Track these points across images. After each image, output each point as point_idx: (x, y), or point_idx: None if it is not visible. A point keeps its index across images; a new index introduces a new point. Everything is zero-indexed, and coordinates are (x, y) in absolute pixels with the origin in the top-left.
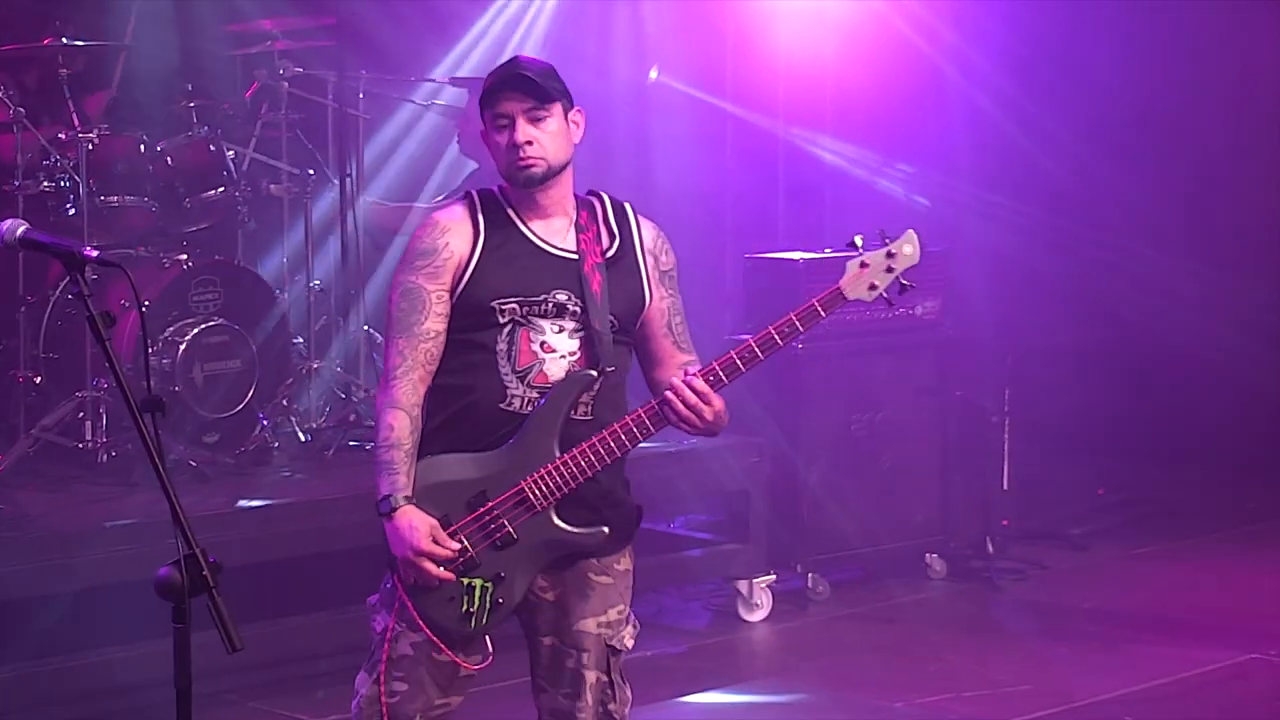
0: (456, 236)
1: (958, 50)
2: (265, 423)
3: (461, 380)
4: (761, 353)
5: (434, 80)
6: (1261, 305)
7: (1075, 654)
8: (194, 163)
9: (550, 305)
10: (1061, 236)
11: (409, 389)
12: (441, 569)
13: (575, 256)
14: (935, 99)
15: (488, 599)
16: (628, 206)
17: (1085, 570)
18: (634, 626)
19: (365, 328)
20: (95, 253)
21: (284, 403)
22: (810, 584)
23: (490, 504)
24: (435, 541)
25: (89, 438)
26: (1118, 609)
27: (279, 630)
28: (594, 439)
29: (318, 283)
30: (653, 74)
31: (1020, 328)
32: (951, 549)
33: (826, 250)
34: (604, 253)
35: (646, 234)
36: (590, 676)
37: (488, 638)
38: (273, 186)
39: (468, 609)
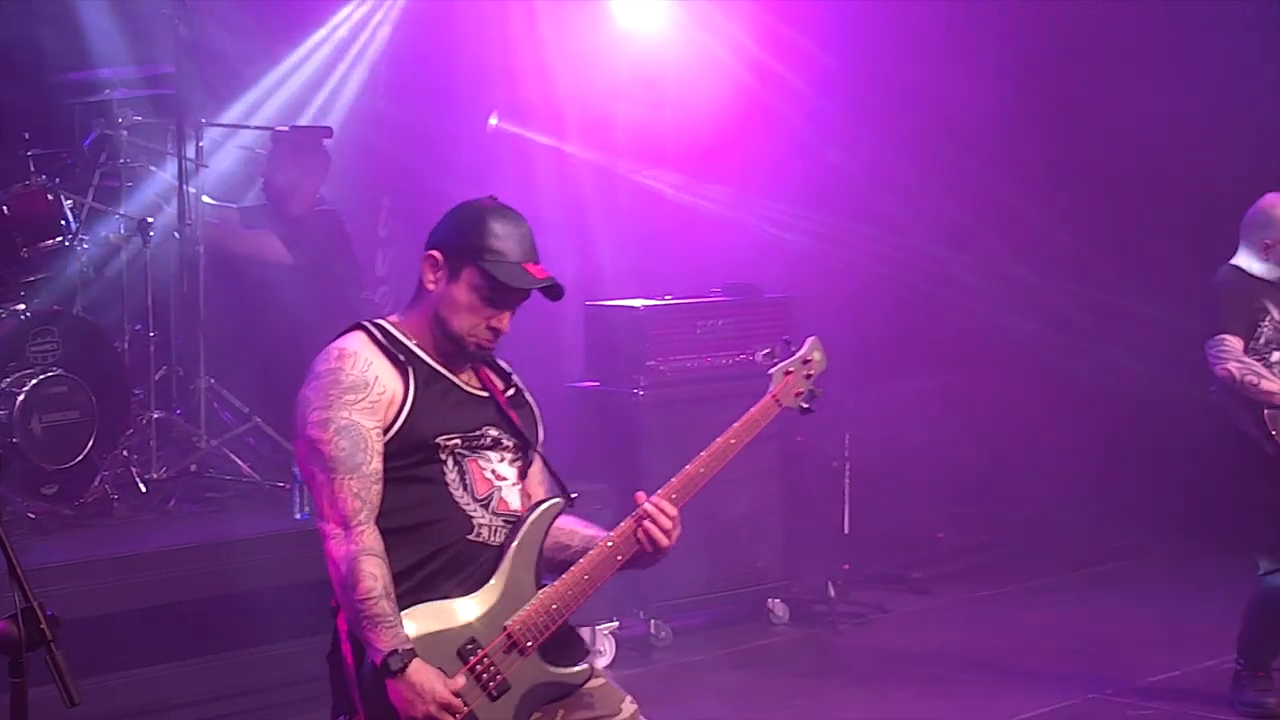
0: (383, 372)
1: (793, 86)
2: (105, 474)
3: (419, 517)
4: (700, 485)
5: (273, 129)
6: (1108, 341)
7: (918, 697)
8: (32, 212)
9: (488, 439)
10: (901, 276)
11: (375, 533)
12: None
13: (487, 394)
14: (775, 134)
15: None
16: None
17: (927, 613)
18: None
19: (209, 380)
20: None
21: (124, 454)
22: (653, 630)
23: (482, 653)
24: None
25: None
26: (960, 651)
27: (123, 684)
28: (572, 573)
29: (155, 334)
30: (492, 120)
31: (861, 371)
32: (794, 594)
33: (666, 297)
34: (504, 391)
35: (518, 375)
36: None
37: None
38: (112, 235)
39: None
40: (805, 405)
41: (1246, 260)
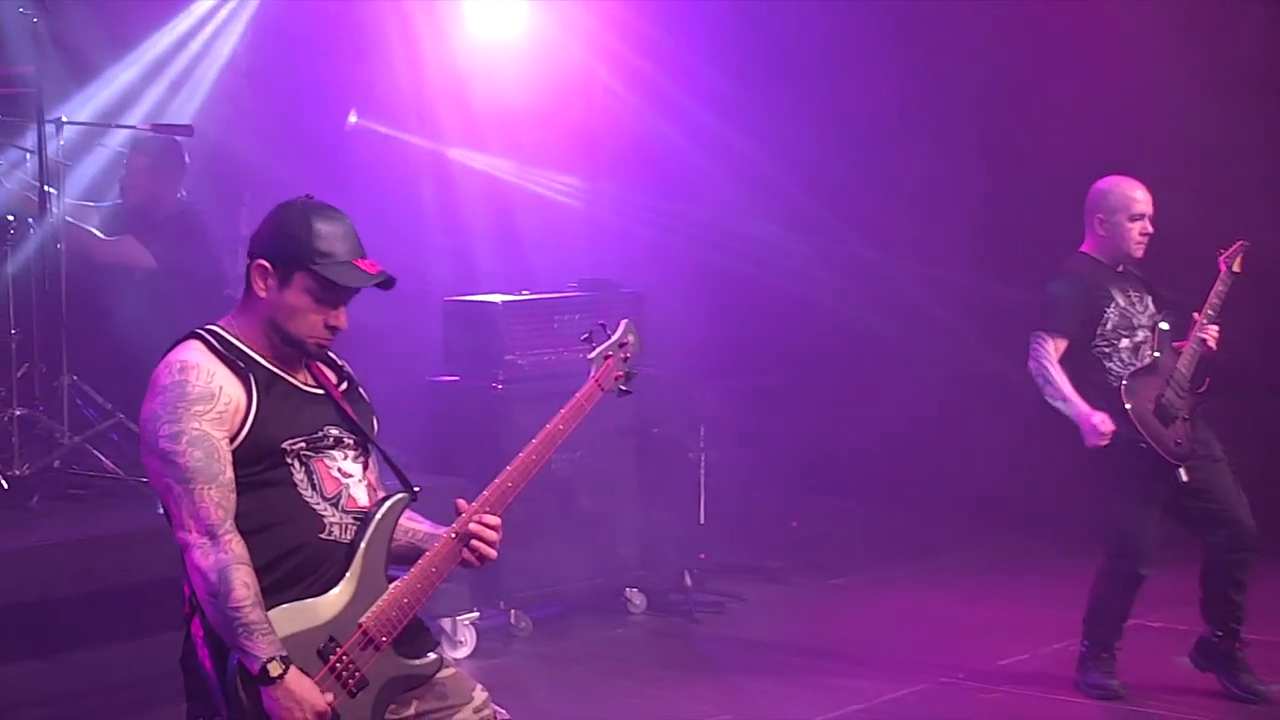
0: (226, 381)
1: (650, 81)
2: None
3: (270, 519)
4: (532, 472)
5: (134, 126)
6: (969, 329)
7: (773, 684)
8: None
9: (329, 439)
10: (759, 269)
11: (241, 541)
12: None
13: (323, 391)
14: (632, 128)
15: None
16: None
17: (782, 602)
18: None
19: (72, 376)
20: None
21: None
22: (513, 620)
23: (341, 650)
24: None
25: None
26: (814, 639)
27: None
28: (420, 565)
29: (16, 331)
30: (351, 118)
31: (716, 364)
32: (651, 583)
33: (524, 292)
34: (337, 385)
35: (348, 365)
36: None
37: None
38: None
39: None
40: (624, 387)
41: (1092, 245)
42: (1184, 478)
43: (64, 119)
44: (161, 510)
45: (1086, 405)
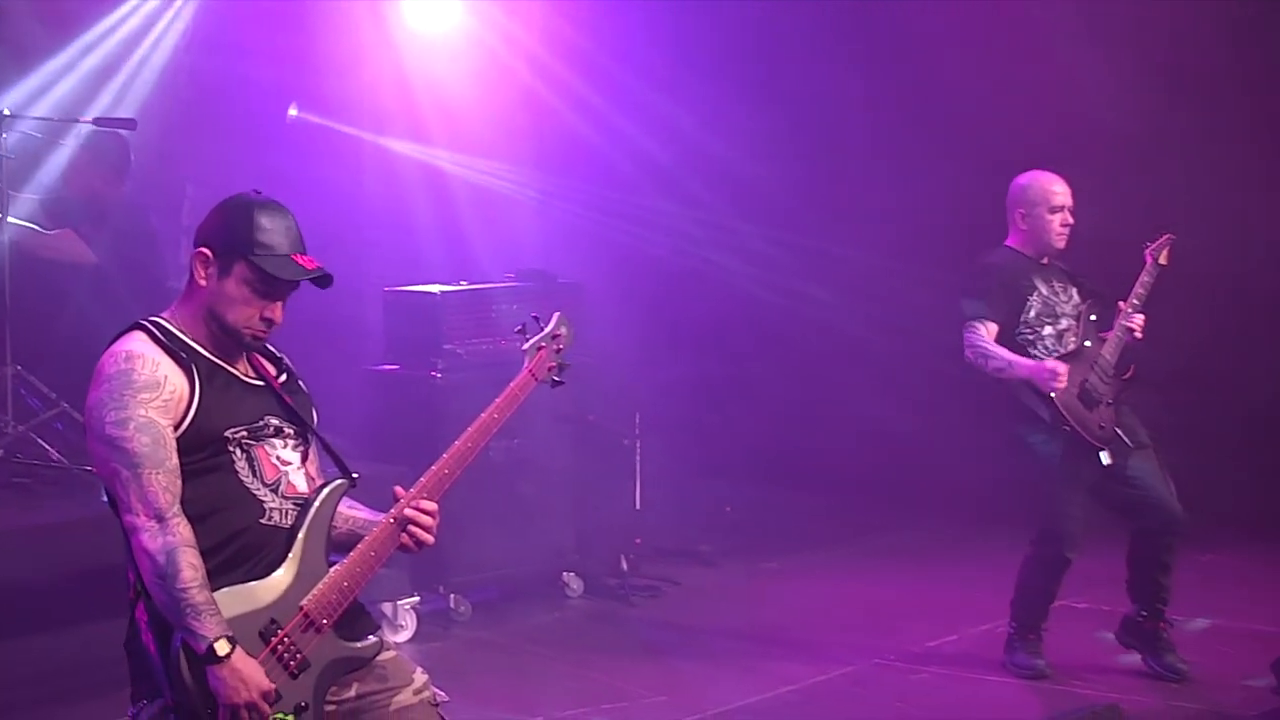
0: (170, 371)
1: (592, 70)
2: None
3: (213, 505)
4: (468, 460)
5: (78, 120)
6: (906, 316)
7: (707, 667)
8: None
9: (270, 428)
10: (695, 259)
11: (187, 525)
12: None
13: (263, 383)
14: (571, 119)
15: None
16: None
17: (715, 586)
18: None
19: (16, 367)
20: None
21: None
22: (453, 604)
23: (282, 632)
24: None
25: None
26: (747, 622)
27: None
28: (359, 549)
29: None
30: (292, 111)
31: (651, 352)
32: (588, 568)
33: (462, 282)
34: (276, 377)
35: (287, 358)
36: None
37: None
38: None
39: None
40: (557, 379)
41: (1015, 239)
42: (1106, 460)
43: (6, 111)
44: (106, 498)
45: (1031, 360)
